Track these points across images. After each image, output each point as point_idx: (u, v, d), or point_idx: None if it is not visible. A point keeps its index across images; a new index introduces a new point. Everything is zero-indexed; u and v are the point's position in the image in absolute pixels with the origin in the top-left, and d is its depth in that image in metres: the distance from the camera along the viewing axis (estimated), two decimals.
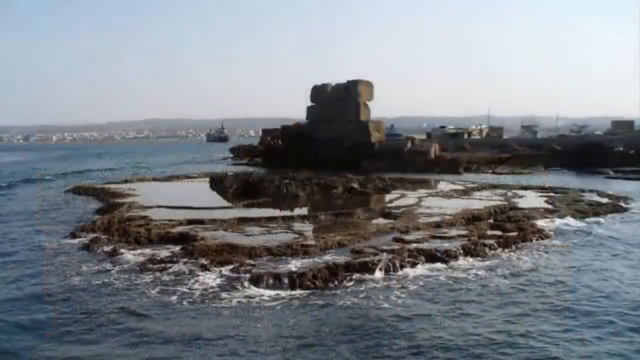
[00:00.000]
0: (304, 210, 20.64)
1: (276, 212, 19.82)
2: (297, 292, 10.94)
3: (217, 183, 27.23)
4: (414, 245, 14.23)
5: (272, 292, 10.87)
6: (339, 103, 46.59)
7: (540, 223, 17.76)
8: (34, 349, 8.46)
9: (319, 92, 48.73)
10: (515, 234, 15.88)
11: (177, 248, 14.32)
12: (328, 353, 8.14)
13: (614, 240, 15.69)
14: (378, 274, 11.96)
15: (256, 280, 11.36)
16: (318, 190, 25.09)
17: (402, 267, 12.46)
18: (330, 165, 38.29)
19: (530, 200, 23.19)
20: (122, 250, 14.17)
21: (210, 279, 11.68)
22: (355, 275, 11.81)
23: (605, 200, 23.31)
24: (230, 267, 12.32)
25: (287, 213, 19.55)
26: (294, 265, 12.46)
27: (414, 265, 12.68)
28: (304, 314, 9.74)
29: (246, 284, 11.29)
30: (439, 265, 12.87)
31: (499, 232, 16.28)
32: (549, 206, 21.19)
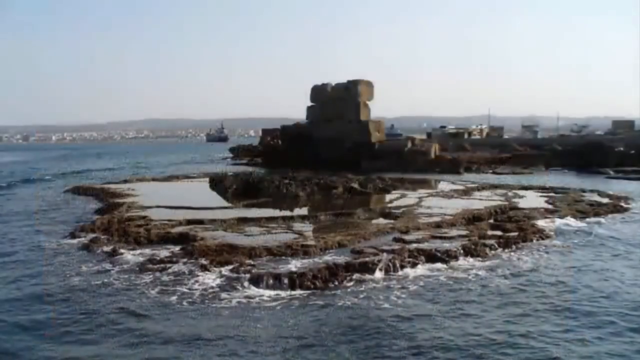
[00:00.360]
0: (304, 210, 20.61)
1: (276, 212, 19.79)
2: (297, 292, 10.91)
3: (217, 183, 27.20)
4: (414, 245, 14.20)
5: (272, 293, 10.84)
6: (339, 103, 46.56)
7: (541, 223, 17.72)
8: (33, 349, 8.44)
9: (319, 92, 48.69)
10: (515, 234, 15.85)
11: (176, 248, 14.28)
12: (328, 353, 8.12)
13: (614, 241, 15.66)
14: (378, 274, 11.92)
15: (256, 281, 11.33)
16: (318, 190, 25.05)
17: (402, 267, 12.43)
18: (330, 165, 38.25)
19: (531, 200, 23.15)
20: (122, 251, 14.14)
21: (210, 279, 11.65)
22: (356, 276, 11.78)
23: (605, 200, 23.27)
24: (230, 267, 12.29)
25: (287, 213, 19.52)
26: (294, 265, 12.43)
27: (414, 265, 12.66)
28: (304, 315, 9.72)
29: (246, 284, 11.26)
30: (439, 265, 12.83)
31: (499, 232, 16.25)
32: (550, 206, 21.16)
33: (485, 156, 48.91)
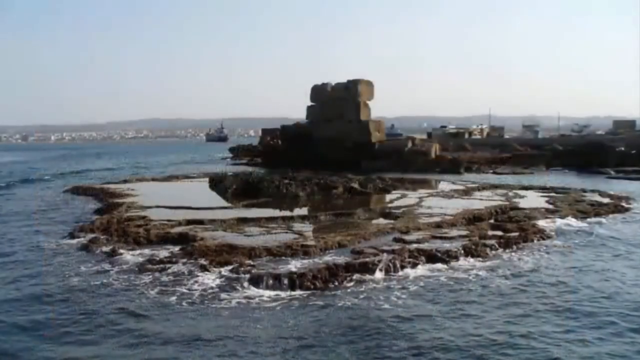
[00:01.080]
0: (304, 210, 20.58)
1: (276, 212, 19.76)
2: (297, 292, 10.87)
3: (217, 183, 27.16)
4: (415, 245, 14.16)
5: (272, 293, 10.81)
6: (339, 103, 46.51)
7: (542, 223, 17.68)
8: (32, 349, 8.41)
9: (319, 92, 48.63)
10: (516, 234, 15.80)
11: (176, 248, 14.24)
12: (328, 354, 8.09)
13: (615, 241, 15.62)
14: (378, 275, 11.89)
15: (256, 281, 11.30)
16: (318, 190, 25.01)
17: (402, 267, 12.40)
18: (330, 165, 38.19)
19: (532, 200, 23.09)
20: (121, 251, 14.10)
21: (210, 279, 11.62)
22: (356, 276, 11.74)
23: (606, 200, 23.20)
24: (230, 267, 12.25)
25: (287, 213, 19.49)
26: (294, 265, 12.39)
27: (414, 265, 12.62)
28: (303, 315, 9.69)
29: (246, 284, 11.22)
30: (439, 265, 12.80)
31: (499, 233, 16.20)
32: (550, 206, 21.11)
33: (486, 156, 48.89)
